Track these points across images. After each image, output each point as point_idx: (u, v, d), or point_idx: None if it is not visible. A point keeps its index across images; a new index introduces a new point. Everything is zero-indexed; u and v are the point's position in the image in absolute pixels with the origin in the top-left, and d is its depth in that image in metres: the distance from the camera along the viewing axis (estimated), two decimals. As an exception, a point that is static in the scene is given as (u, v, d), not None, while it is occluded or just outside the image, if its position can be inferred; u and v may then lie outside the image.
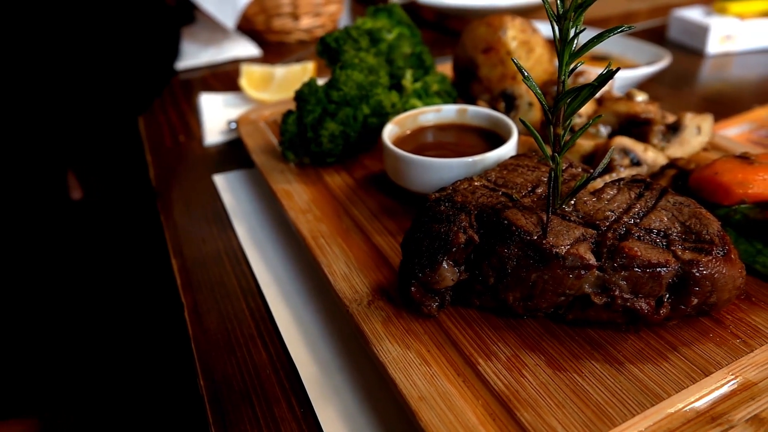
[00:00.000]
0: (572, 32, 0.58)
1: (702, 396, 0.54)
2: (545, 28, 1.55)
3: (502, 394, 0.55)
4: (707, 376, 0.55)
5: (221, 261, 0.88)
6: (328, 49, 1.03)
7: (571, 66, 0.61)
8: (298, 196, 0.91)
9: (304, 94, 0.94)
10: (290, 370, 0.68)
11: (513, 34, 1.13)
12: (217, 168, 1.16)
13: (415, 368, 0.58)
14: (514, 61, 0.62)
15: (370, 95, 0.94)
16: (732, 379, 0.55)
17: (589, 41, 0.59)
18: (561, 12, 0.58)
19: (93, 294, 1.47)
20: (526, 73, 0.61)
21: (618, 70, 0.57)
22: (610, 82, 1.08)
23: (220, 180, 1.10)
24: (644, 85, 1.44)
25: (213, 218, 1.00)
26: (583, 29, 0.57)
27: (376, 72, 0.98)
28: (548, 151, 0.63)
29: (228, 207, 1.01)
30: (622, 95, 1.01)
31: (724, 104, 1.33)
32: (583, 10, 0.57)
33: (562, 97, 0.60)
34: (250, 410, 0.63)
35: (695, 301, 0.57)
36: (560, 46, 0.59)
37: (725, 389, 0.54)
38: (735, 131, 1.17)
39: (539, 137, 0.64)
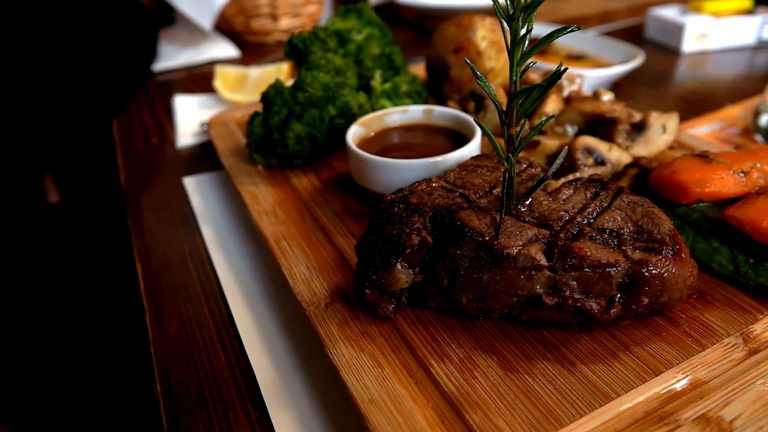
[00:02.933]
0: (522, 32, 0.58)
1: (651, 396, 0.54)
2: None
3: (452, 396, 0.55)
4: (657, 375, 0.55)
5: (186, 265, 0.88)
6: (296, 51, 1.02)
7: (523, 66, 0.61)
8: (263, 198, 0.90)
9: (270, 96, 0.94)
10: (248, 374, 0.68)
11: (483, 33, 1.13)
12: (188, 170, 1.15)
13: (367, 371, 0.58)
14: (467, 62, 0.62)
15: (336, 96, 0.94)
16: (682, 379, 0.55)
17: (539, 41, 0.59)
18: (511, 12, 0.58)
19: (61, 299, 1.46)
20: (479, 74, 0.61)
21: (565, 69, 0.56)
22: (579, 81, 1.09)
23: (190, 182, 1.10)
24: (620, 83, 1.45)
25: (181, 221, 0.99)
26: (530, 30, 0.57)
27: (344, 73, 0.98)
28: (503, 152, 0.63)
29: (196, 210, 1.01)
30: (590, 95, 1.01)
31: (697, 102, 1.34)
32: (532, 11, 0.57)
33: (514, 98, 0.60)
34: (205, 415, 0.63)
35: (646, 300, 0.57)
36: (510, 46, 0.59)
37: (675, 389, 0.54)
38: (706, 129, 1.17)
39: (494, 138, 0.64)
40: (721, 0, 1.64)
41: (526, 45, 0.59)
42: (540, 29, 1.62)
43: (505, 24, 0.59)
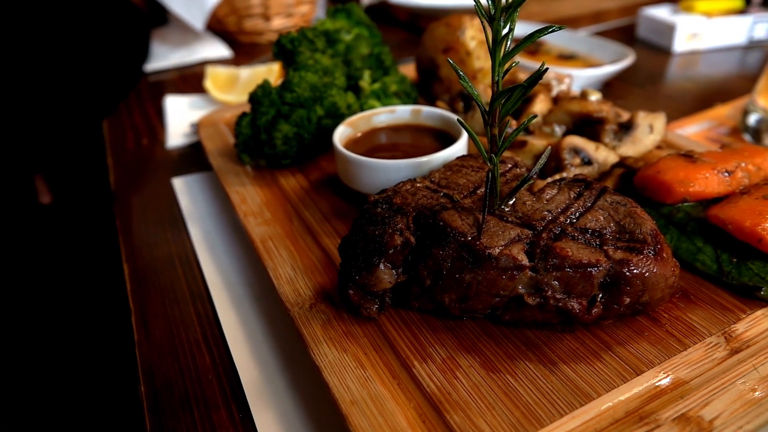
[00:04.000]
0: (504, 32, 0.58)
1: (632, 395, 0.54)
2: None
3: (434, 397, 0.55)
4: (639, 375, 0.56)
5: (173, 265, 0.88)
6: (284, 51, 1.02)
7: (506, 66, 0.61)
8: (251, 198, 0.90)
9: (257, 96, 0.94)
10: (232, 375, 0.68)
11: (472, 33, 1.13)
12: (177, 171, 1.15)
13: (350, 372, 0.58)
14: (450, 63, 0.62)
15: (324, 96, 0.94)
16: (663, 378, 0.55)
17: (521, 42, 0.59)
18: (492, 12, 0.58)
19: (50, 300, 1.46)
20: (461, 74, 0.61)
21: (546, 69, 0.57)
22: (568, 81, 1.09)
23: (179, 183, 1.09)
24: (611, 83, 1.45)
25: (169, 222, 0.99)
26: (512, 30, 0.57)
27: (332, 73, 0.98)
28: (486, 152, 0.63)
29: (184, 210, 1.01)
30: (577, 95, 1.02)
31: (687, 102, 1.34)
32: (513, 11, 0.57)
33: (496, 98, 0.60)
34: (188, 416, 0.63)
35: (627, 300, 0.57)
36: (492, 46, 0.59)
37: (656, 388, 0.54)
38: (695, 129, 1.18)
39: (477, 138, 0.64)
40: (712, 0, 1.64)
41: (508, 45, 0.60)
42: (531, 29, 1.63)
43: (486, 24, 0.59)
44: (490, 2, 0.58)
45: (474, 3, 0.59)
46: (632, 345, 0.59)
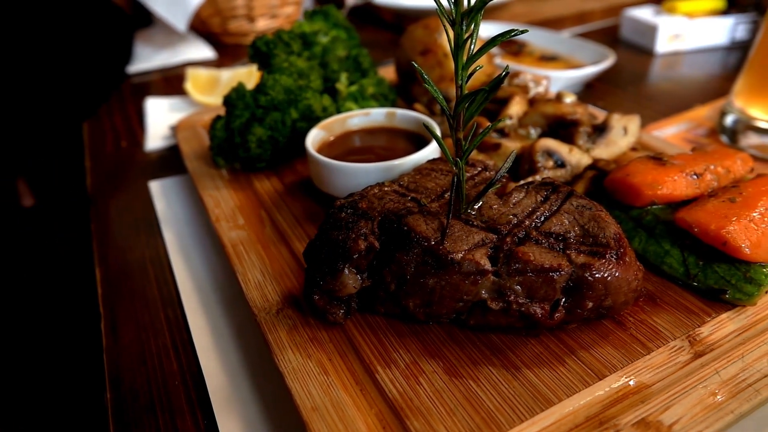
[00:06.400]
0: (466, 36, 0.58)
1: (593, 400, 0.54)
2: (488, 29, 1.56)
3: (395, 403, 0.54)
4: (601, 379, 0.55)
5: (145, 270, 0.87)
6: (259, 54, 1.02)
7: (470, 69, 0.61)
8: (224, 202, 0.90)
9: (231, 99, 0.93)
10: (199, 381, 0.67)
11: (450, 36, 1.13)
12: (155, 174, 1.14)
13: (313, 378, 0.58)
14: (415, 66, 0.61)
15: (299, 99, 0.94)
16: (625, 383, 0.55)
17: (483, 45, 0.59)
18: (453, 17, 0.57)
19: (24, 304, 1.45)
20: (426, 77, 0.61)
21: (507, 74, 0.56)
22: (545, 83, 1.09)
23: (156, 186, 1.09)
24: (592, 84, 1.45)
25: (144, 226, 0.98)
26: (473, 33, 0.57)
27: (307, 76, 0.97)
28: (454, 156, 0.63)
29: (160, 214, 1.00)
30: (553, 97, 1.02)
31: (667, 103, 1.34)
32: (475, 15, 0.57)
33: (459, 102, 0.60)
34: (153, 422, 0.62)
35: (590, 304, 0.57)
36: (454, 49, 0.58)
37: (618, 393, 0.54)
38: (673, 130, 1.18)
39: (443, 142, 0.64)
40: (694, 0, 1.64)
41: (472, 48, 0.59)
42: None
43: (449, 27, 0.59)
44: (451, 5, 0.57)
45: (436, 9, 0.58)
46: (596, 349, 0.59)
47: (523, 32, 0.58)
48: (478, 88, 0.57)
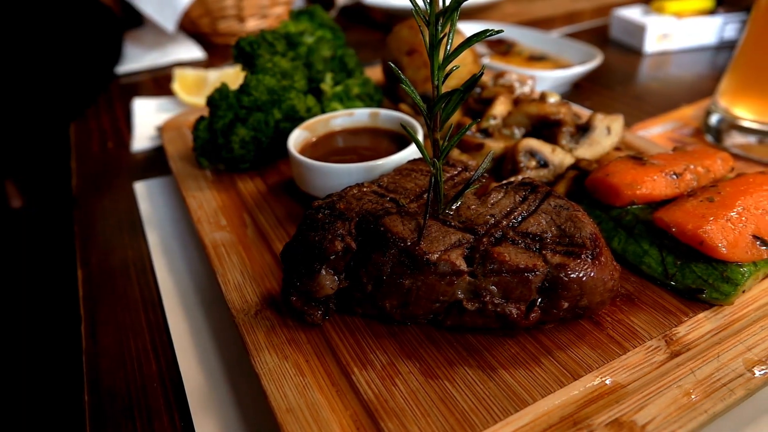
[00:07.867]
0: (441, 36, 0.58)
1: (568, 400, 0.54)
2: (473, 28, 1.56)
3: (370, 404, 0.54)
4: (576, 379, 0.55)
5: (127, 271, 0.87)
6: (243, 54, 1.02)
7: (447, 69, 0.60)
8: (207, 203, 0.90)
9: (215, 100, 0.93)
10: (178, 383, 0.67)
11: (435, 36, 1.12)
12: (141, 175, 1.14)
13: (289, 379, 0.58)
14: (392, 66, 0.61)
15: (282, 100, 0.93)
16: (601, 382, 0.55)
17: (459, 45, 0.59)
18: (427, 17, 0.57)
19: (7, 306, 1.44)
20: (403, 77, 0.60)
21: (481, 74, 0.56)
22: (531, 83, 1.09)
23: (141, 187, 1.08)
24: (580, 84, 1.45)
25: (128, 227, 0.98)
26: (448, 34, 0.57)
27: (291, 76, 0.97)
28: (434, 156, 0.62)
29: (143, 215, 1.00)
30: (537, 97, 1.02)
31: (654, 103, 1.35)
32: (450, 15, 0.57)
33: (436, 103, 0.60)
34: (130, 425, 0.62)
35: (566, 305, 0.57)
36: (429, 50, 0.58)
37: (593, 393, 0.54)
38: (659, 130, 1.18)
39: (420, 143, 0.64)
40: (683, 0, 1.65)
41: (448, 48, 0.59)
42: (509, 31, 1.63)
43: (424, 29, 0.58)
44: (427, 5, 0.57)
45: (412, 9, 0.58)
46: (573, 349, 0.59)
47: (498, 32, 0.58)
48: (454, 89, 0.57)
